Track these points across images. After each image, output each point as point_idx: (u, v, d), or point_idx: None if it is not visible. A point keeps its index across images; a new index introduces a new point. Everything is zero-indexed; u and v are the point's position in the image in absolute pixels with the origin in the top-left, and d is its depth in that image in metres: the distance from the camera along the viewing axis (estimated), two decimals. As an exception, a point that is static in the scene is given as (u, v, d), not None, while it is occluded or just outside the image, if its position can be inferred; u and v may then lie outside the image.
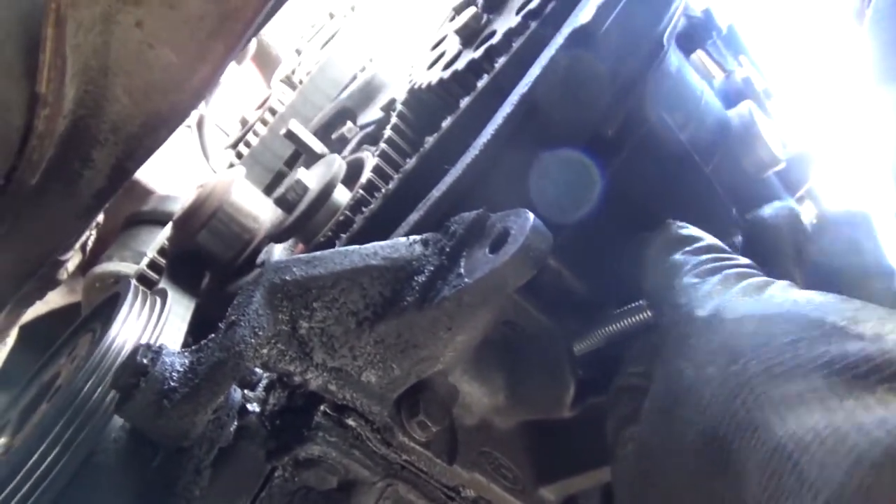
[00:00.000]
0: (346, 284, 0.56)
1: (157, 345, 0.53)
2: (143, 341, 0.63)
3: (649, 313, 0.63)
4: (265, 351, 0.53)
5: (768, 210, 0.64)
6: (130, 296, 0.66)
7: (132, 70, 0.56)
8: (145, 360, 0.51)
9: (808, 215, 0.92)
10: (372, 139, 0.85)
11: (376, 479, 0.60)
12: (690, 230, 0.62)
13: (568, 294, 0.68)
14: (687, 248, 0.58)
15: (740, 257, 0.57)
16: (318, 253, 0.56)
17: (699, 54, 0.93)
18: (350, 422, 0.58)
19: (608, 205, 0.68)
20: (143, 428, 0.52)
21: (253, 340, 0.51)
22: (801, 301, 0.41)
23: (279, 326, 0.53)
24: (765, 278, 0.50)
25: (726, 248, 0.59)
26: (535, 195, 0.60)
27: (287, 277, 0.54)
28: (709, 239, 0.60)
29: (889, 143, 0.68)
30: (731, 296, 0.48)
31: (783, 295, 0.44)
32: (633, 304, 0.65)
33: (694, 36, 0.87)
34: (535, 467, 0.70)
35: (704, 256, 0.55)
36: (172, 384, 0.50)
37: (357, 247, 0.57)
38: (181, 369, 0.51)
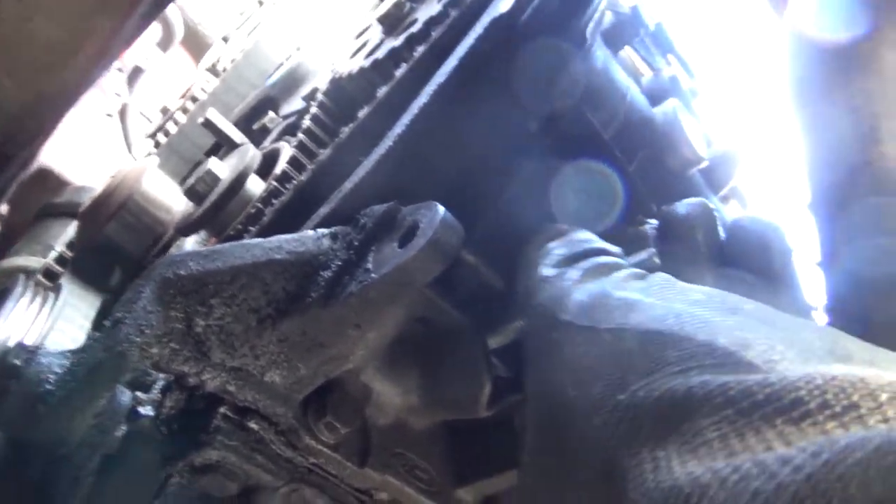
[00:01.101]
0: (247, 280, 0.53)
1: (35, 345, 0.49)
2: (30, 340, 0.59)
3: None
4: (155, 350, 0.49)
5: (682, 205, 0.63)
6: (18, 292, 0.62)
7: (11, 45, 0.51)
8: (17, 361, 0.47)
9: (731, 215, 0.93)
10: (293, 130, 0.82)
11: (280, 483, 0.57)
12: (570, 228, 0.58)
13: (486, 290, 0.66)
14: (553, 241, 0.54)
15: (601, 243, 0.54)
16: (217, 246, 0.53)
17: (628, 52, 0.93)
18: (252, 424, 0.55)
19: (528, 200, 0.67)
20: (16, 435, 0.48)
21: (139, 339, 0.47)
22: (685, 316, 0.38)
23: (171, 324, 0.50)
24: (633, 271, 0.47)
25: (608, 247, 0.55)
26: (450, 188, 0.59)
27: (181, 272, 0.50)
28: (582, 232, 0.56)
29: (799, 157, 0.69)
30: (599, 295, 0.44)
31: (663, 304, 0.40)
32: None
33: (621, 33, 0.87)
34: (452, 468, 0.68)
35: (567, 245, 0.52)
36: (48, 387, 0.47)
37: (260, 240, 0.55)
38: (59, 371, 0.47)
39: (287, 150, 0.72)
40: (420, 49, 0.66)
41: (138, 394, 0.54)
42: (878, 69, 0.69)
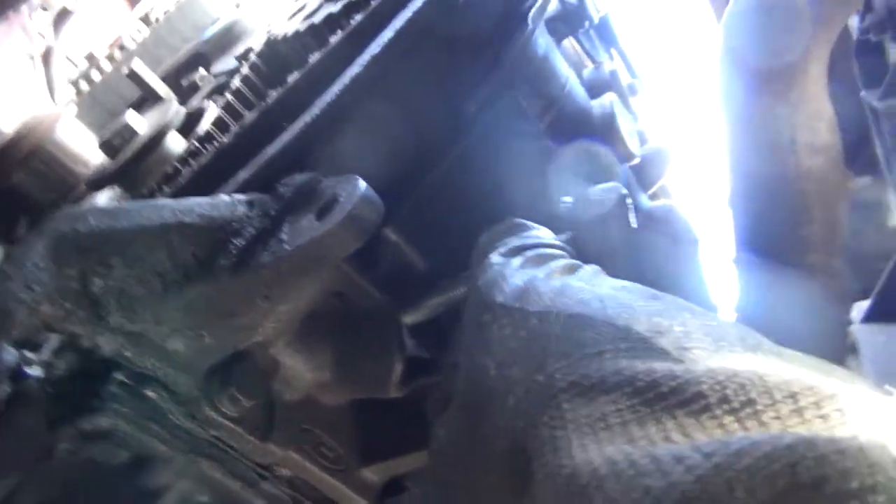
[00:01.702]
0: (153, 241, 0.50)
1: None
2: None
3: None
4: (45, 309, 0.46)
5: (596, 190, 0.64)
6: None
7: None
8: None
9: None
10: (223, 89, 0.78)
11: (176, 454, 0.55)
12: (524, 222, 0.59)
13: (407, 270, 0.65)
14: (510, 236, 0.55)
15: (557, 241, 0.55)
16: (124, 204, 0.50)
17: (571, 42, 0.93)
18: (149, 393, 0.53)
19: (457, 181, 0.66)
20: None
21: (26, 297, 0.44)
22: (608, 300, 0.39)
23: (65, 283, 0.47)
24: (570, 262, 0.48)
25: (557, 243, 0.56)
26: (376, 163, 0.57)
27: (80, 228, 0.48)
28: (541, 230, 0.58)
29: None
30: (533, 280, 0.45)
31: (591, 289, 0.42)
32: (464, 274, 0.64)
33: (566, 22, 0.86)
34: (360, 447, 0.67)
35: (521, 241, 0.52)
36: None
37: (171, 201, 0.52)
38: (-64, 324, 0.44)
39: (213, 110, 0.69)
40: (357, 17, 0.64)
41: (26, 353, 0.51)
42: (803, 84, 0.72)
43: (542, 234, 0.58)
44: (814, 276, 0.69)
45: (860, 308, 1.05)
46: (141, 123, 0.69)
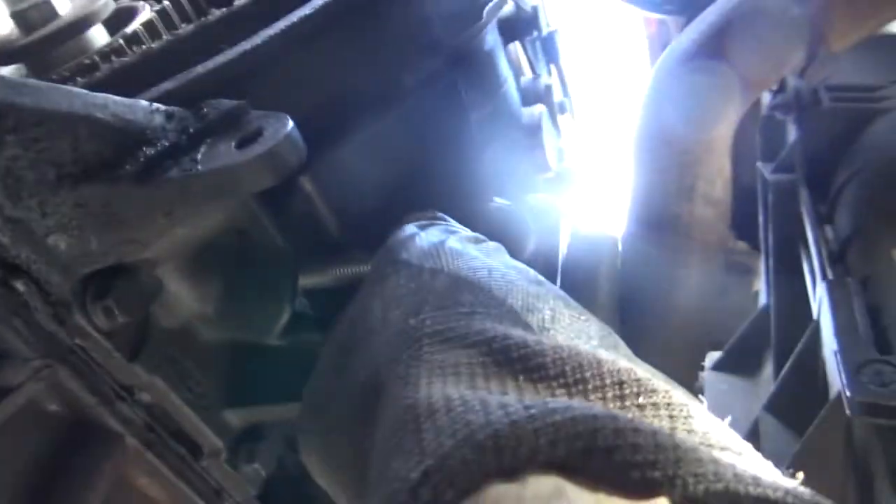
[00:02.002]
0: (57, 128, 0.47)
1: None
2: None
3: None
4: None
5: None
6: None
7: None
8: None
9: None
10: (160, -5, 0.74)
11: (33, 356, 0.52)
12: (443, 216, 0.62)
13: (317, 225, 0.65)
14: (428, 219, 0.58)
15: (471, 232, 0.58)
16: (32, 80, 0.47)
17: (517, 47, 0.96)
18: (18, 285, 0.50)
19: (382, 149, 0.67)
20: None
21: None
22: (496, 272, 0.43)
23: (-53, 148, 0.43)
24: (475, 235, 0.52)
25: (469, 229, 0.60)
26: (309, 108, 0.57)
27: (-23, 94, 0.44)
28: (456, 224, 0.60)
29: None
30: (437, 244, 0.48)
31: (484, 260, 0.45)
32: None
33: (517, 26, 0.89)
34: (228, 387, 0.66)
35: (446, 226, 0.56)
36: None
37: (86, 91, 0.49)
38: None
39: (146, 12, 0.66)
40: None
41: None
42: (712, 143, 0.78)
43: (461, 227, 0.60)
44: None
45: (712, 357, 1.15)
46: (64, 5, 0.64)
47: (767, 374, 1.03)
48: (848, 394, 0.52)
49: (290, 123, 0.49)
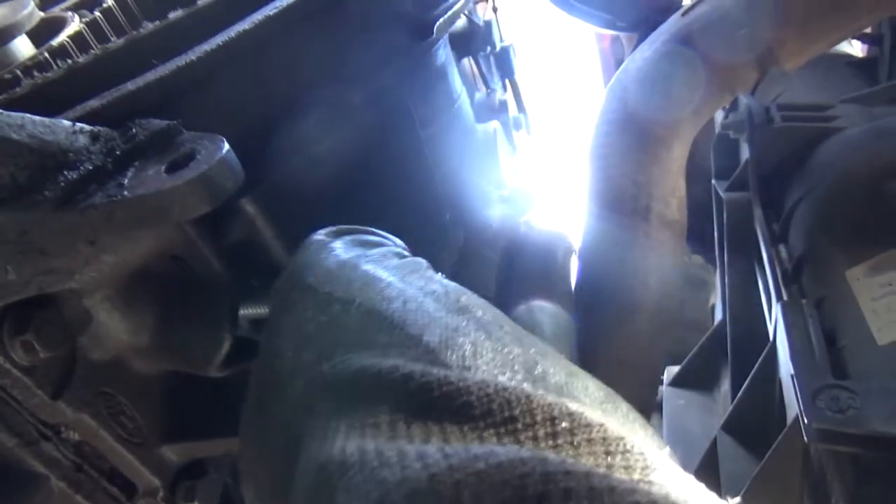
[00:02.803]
0: (-35, 151, 0.43)
1: None
2: None
3: None
4: None
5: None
6: None
7: None
8: None
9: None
10: (92, 5, 0.70)
11: (-56, 395, 0.48)
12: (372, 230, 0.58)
13: (258, 248, 0.62)
14: (349, 232, 0.52)
15: (395, 240, 0.52)
16: (-62, 100, 0.43)
17: (470, 63, 0.95)
18: (-74, 320, 0.46)
19: (329, 169, 0.64)
20: None
21: None
22: (411, 303, 0.39)
23: None
24: (390, 250, 0.47)
25: (391, 238, 0.53)
26: (249, 128, 0.54)
27: None
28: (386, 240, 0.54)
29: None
30: (346, 264, 0.44)
31: (400, 285, 0.41)
32: None
33: (470, 41, 0.88)
34: (165, 422, 0.62)
35: (358, 237, 0.50)
36: None
37: (1, 110, 0.46)
38: None
39: (75, 24, 0.62)
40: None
41: None
42: (666, 158, 0.78)
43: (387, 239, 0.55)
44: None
45: (670, 372, 1.15)
46: (-15, 17, 0.60)
47: (725, 389, 1.04)
48: (805, 420, 0.51)
49: (226, 146, 0.46)
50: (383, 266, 0.44)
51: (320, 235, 0.49)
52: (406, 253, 0.48)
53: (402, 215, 0.65)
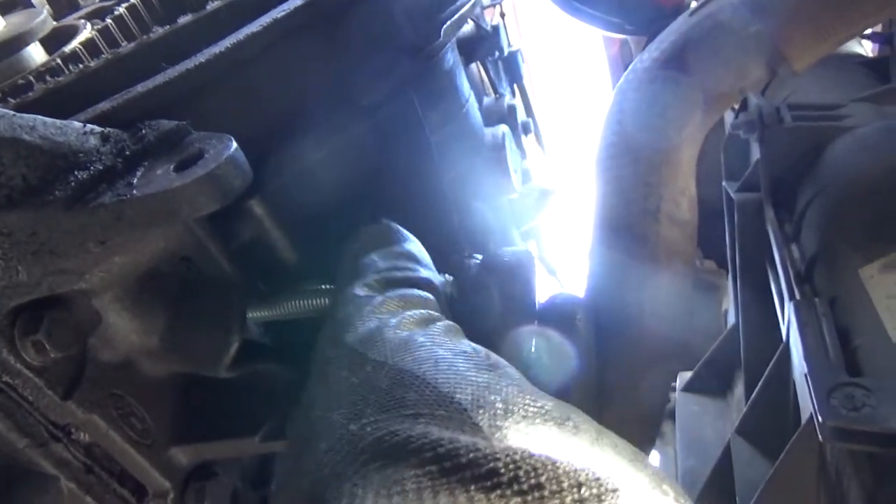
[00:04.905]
0: (-22, 152, 0.44)
1: None
2: None
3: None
4: None
5: (508, 252, 0.67)
6: None
7: None
8: None
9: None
10: (104, 14, 0.72)
11: (-44, 396, 0.49)
12: (399, 230, 0.59)
13: (266, 251, 0.62)
14: (380, 250, 0.55)
15: (423, 270, 0.55)
16: (-49, 102, 0.44)
17: (478, 67, 0.95)
18: (-62, 321, 0.46)
19: (338, 171, 0.64)
20: None
21: None
22: (442, 363, 0.40)
23: None
24: (428, 313, 0.48)
25: (422, 257, 0.57)
26: (258, 128, 0.55)
27: None
28: (410, 244, 0.58)
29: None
30: (383, 326, 0.45)
31: (432, 346, 0.42)
32: (326, 287, 0.62)
33: (477, 46, 0.88)
34: (175, 423, 0.62)
35: (388, 264, 0.52)
36: None
37: (13, 112, 0.46)
38: None
39: (86, 31, 0.63)
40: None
41: None
42: (676, 161, 0.77)
43: (412, 246, 0.58)
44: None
45: (683, 378, 1.14)
46: (-1, 24, 0.61)
47: (738, 394, 1.02)
48: (820, 419, 0.50)
49: (234, 145, 0.47)
50: (416, 330, 0.45)
51: (361, 289, 0.50)
52: (436, 315, 0.49)
53: (410, 219, 0.65)
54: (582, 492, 0.30)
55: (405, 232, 0.59)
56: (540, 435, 0.35)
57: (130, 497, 0.60)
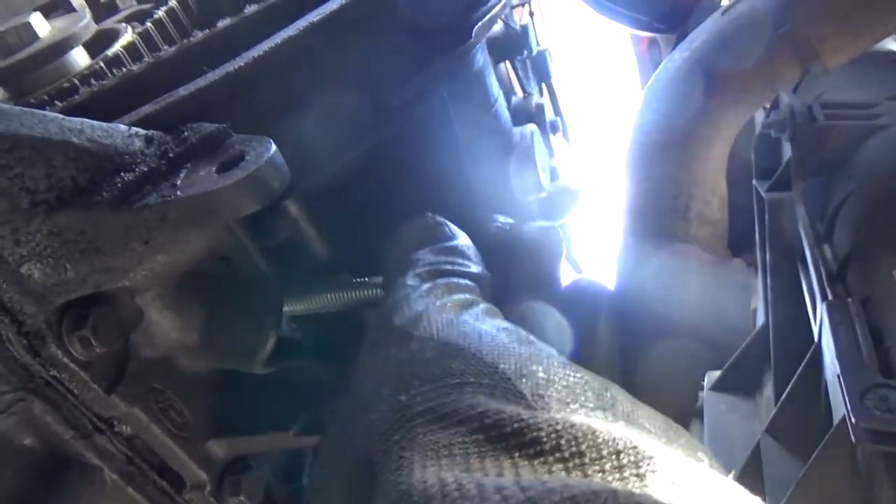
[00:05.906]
0: (30, 154, 0.46)
1: None
2: None
3: (379, 291, 0.62)
4: None
5: (532, 227, 0.67)
6: None
7: None
8: None
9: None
10: (143, 18, 0.73)
11: (7, 389, 0.50)
12: (446, 225, 0.61)
13: (301, 247, 0.64)
14: (429, 246, 0.57)
15: (473, 266, 0.56)
16: (5, 105, 0.46)
17: (507, 67, 0.95)
18: (-10, 316, 0.48)
19: (371, 172, 0.66)
20: None
21: None
22: (486, 337, 0.42)
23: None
24: (471, 297, 0.50)
25: (471, 253, 0.59)
26: (295, 133, 0.56)
27: (-57, 121, 0.43)
28: (460, 239, 0.59)
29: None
30: (429, 308, 0.47)
31: (475, 323, 0.44)
32: (367, 280, 0.64)
33: (507, 46, 0.88)
34: (213, 418, 0.64)
35: (438, 258, 0.54)
36: None
37: (61, 116, 0.48)
38: None
39: (128, 35, 0.64)
40: (305, -19, 0.62)
41: None
42: (705, 160, 0.77)
43: (462, 241, 0.59)
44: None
45: (712, 377, 1.14)
46: (44, 27, 0.63)
47: (768, 394, 1.02)
48: (853, 420, 0.50)
49: (273, 147, 0.48)
50: (461, 312, 0.47)
51: (411, 279, 0.53)
52: (478, 298, 0.50)
53: (441, 211, 0.66)
54: (621, 459, 0.31)
55: (454, 227, 0.61)
56: (580, 406, 0.36)
57: (169, 488, 0.62)
